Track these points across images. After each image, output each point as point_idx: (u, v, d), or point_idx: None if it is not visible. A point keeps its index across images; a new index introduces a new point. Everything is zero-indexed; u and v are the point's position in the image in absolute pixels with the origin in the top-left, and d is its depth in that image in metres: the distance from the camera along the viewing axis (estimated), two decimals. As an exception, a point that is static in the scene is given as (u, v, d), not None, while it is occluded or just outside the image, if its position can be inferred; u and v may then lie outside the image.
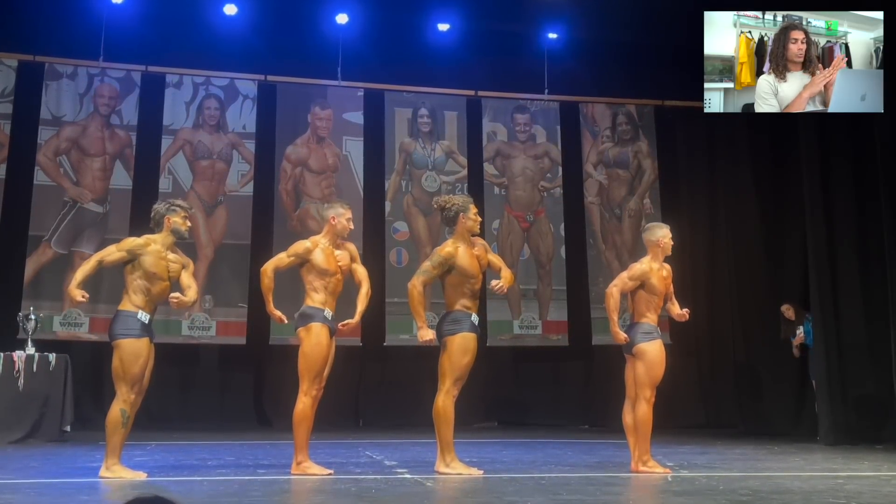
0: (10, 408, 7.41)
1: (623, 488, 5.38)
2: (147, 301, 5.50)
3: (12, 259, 9.02)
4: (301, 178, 9.92)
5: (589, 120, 10.65)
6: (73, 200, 9.27)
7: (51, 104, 9.39)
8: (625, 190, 10.55)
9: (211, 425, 8.97)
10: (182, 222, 5.64)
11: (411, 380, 9.66)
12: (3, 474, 5.55)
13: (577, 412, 10.11)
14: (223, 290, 9.50)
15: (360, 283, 5.95)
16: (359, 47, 9.93)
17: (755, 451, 7.46)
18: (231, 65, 9.86)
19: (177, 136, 9.69)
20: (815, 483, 5.48)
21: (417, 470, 5.90)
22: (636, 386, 5.98)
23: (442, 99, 10.43)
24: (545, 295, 10.20)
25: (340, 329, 5.86)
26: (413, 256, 9.91)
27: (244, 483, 5.32)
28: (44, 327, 8.50)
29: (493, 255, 6.11)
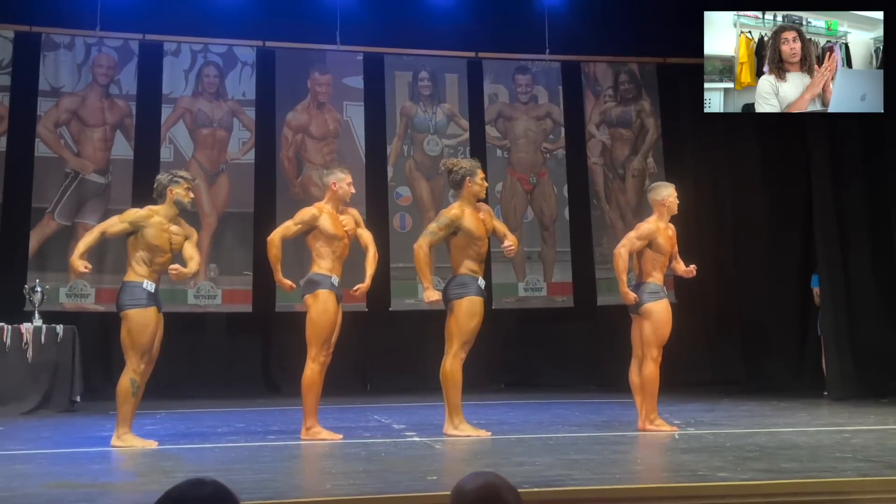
0: (21, 379, 7.46)
1: (630, 447, 5.41)
2: (151, 272, 5.51)
3: (16, 232, 9.01)
4: (302, 144, 9.88)
5: (591, 79, 10.56)
6: (74, 172, 9.25)
7: (49, 75, 9.33)
8: (628, 149, 10.49)
9: (220, 393, 9.04)
10: (185, 193, 5.62)
11: (418, 344, 9.68)
12: (16, 444, 5.60)
13: (584, 373, 10.16)
14: (228, 258, 9.50)
15: (366, 248, 5.96)
16: (357, 11, 9.83)
17: (761, 408, 7.50)
18: (229, 31, 9.77)
19: (176, 104, 9.64)
20: (822, 437, 5.52)
21: (426, 433, 5.94)
22: (643, 345, 6.00)
23: (442, 61, 10.35)
24: (549, 257, 10.20)
25: (352, 293, 5.88)
26: (416, 221, 9.89)
27: (255, 449, 5.36)
28: (50, 299, 8.53)
29: (497, 221, 6.11)
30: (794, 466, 4.34)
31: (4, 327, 7.48)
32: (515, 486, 2.00)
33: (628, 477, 4.25)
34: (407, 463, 4.71)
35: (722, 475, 4.08)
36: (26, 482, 4.20)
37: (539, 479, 4.08)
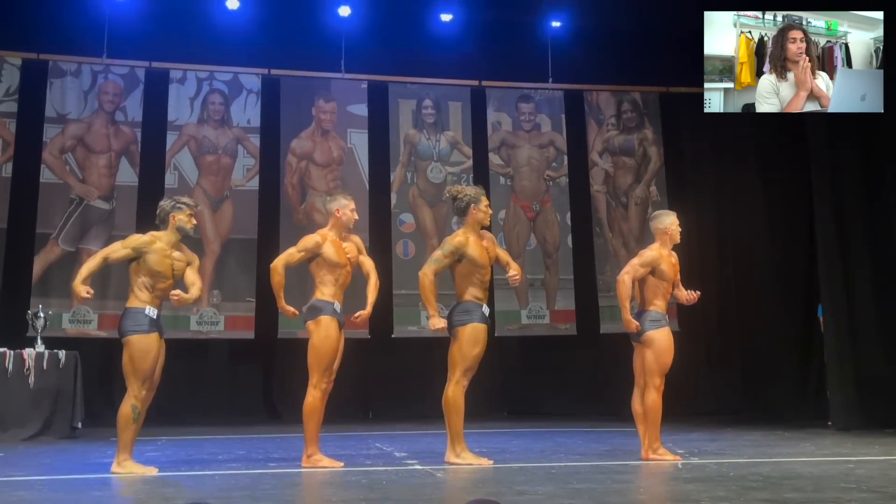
0: (22, 405, 7.44)
1: (633, 476, 5.38)
2: (153, 297, 5.51)
3: (20, 257, 9.04)
4: (306, 171, 9.92)
5: (594, 108, 10.62)
6: (79, 197, 9.29)
7: (55, 102, 9.41)
8: (631, 177, 10.52)
9: (221, 419, 9.01)
10: (187, 220, 5.64)
11: (420, 371, 9.67)
12: (16, 471, 5.58)
13: (587, 401, 10.11)
14: (231, 284, 9.51)
15: (368, 275, 5.97)
16: (362, 39, 9.92)
17: (765, 437, 7.45)
18: (234, 59, 9.86)
19: (182, 131, 9.70)
20: (826, 468, 5.48)
21: (428, 461, 5.92)
22: (645, 374, 5.98)
23: (446, 89, 10.42)
24: (552, 284, 10.20)
25: (353, 320, 5.88)
26: (419, 248, 9.91)
27: (256, 476, 5.34)
28: (53, 325, 8.53)
29: (500, 250, 6.12)
30: (797, 497, 4.30)
31: (6, 352, 7.47)
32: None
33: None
34: (408, 491, 4.69)
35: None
36: (26, 509, 4.19)
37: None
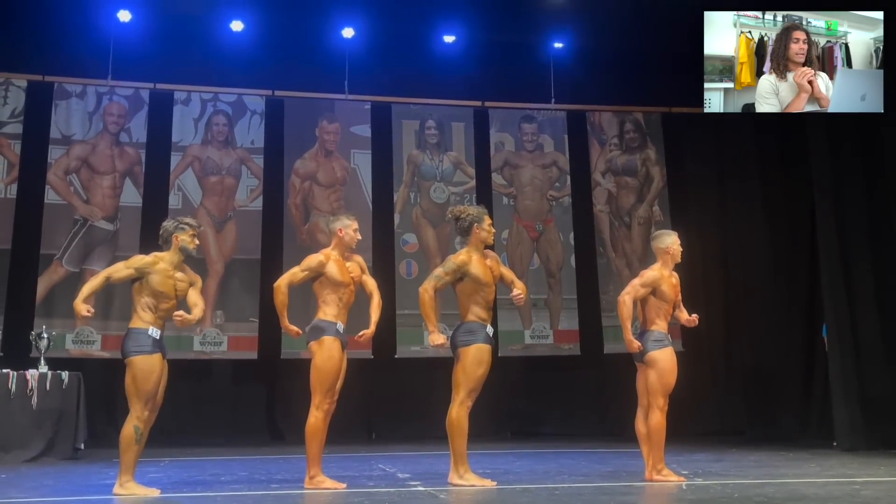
0: (25, 426, 7.43)
1: (637, 497, 5.35)
2: (156, 318, 5.51)
3: (24, 278, 9.06)
4: (310, 191, 9.96)
5: (596, 128, 10.66)
6: (83, 218, 9.33)
7: (60, 123, 9.46)
8: (633, 197, 10.54)
9: (224, 440, 8.99)
10: (190, 241, 5.65)
11: (423, 391, 9.66)
12: (18, 493, 5.57)
13: (590, 422, 10.08)
14: (234, 305, 9.52)
15: (371, 294, 5.96)
16: (365, 61, 9.98)
17: (770, 458, 7.42)
18: (238, 80, 9.92)
19: (186, 152, 9.75)
20: (832, 489, 5.44)
21: (430, 482, 5.89)
22: (648, 394, 5.96)
23: (449, 110, 10.46)
24: (556, 304, 10.19)
25: (357, 340, 5.87)
26: (423, 268, 9.92)
27: (258, 498, 5.32)
28: (56, 345, 8.53)
29: (504, 268, 6.11)
30: (802, 518, 4.28)
31: (10, 373, 7.47)
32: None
33: (634, 528, 4.19)
34: (411, 513, 4.67)
35: (729, 527, 4.03)
36: (27, 531, 4.18)
37: (544, 530, 4.04)
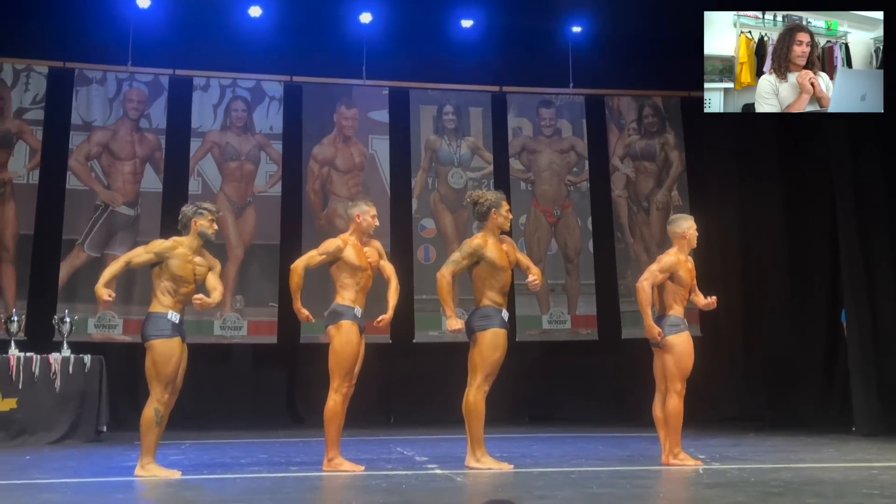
0: (48, 409, 7.53)
1: (654, 481, 5.37)
2: (175, 302, 5.57)
3: (47, 263, 9.17)
4: (328, 177, 9.99)
5: (615, 113, 10.61)
6: (104, 204, 9.41)
7: (81, 109, 9.54)
8: (652, 182, 10.50)
9: (244, 423, 9.07)
10: (209, 225, 5.69)
11: (441, 376, 9.68)
12: (42, 474, 5.66)
13: (608, 406, 10.09)
14: (254, 290, 9.59)
15: (388, 280, 6.00)
16: (383, 46, 9.98)
17: (788, 443, 7.41)
18: (257, 66, 9.95)
19: (205, 138, 9.80)
20: (849, 474, 5.44)
21: (448, 465, 5.93)
22: (666, 379, 5.97)
23: (467, 95, 10.45)
24: (574, 289, 10.19)
25: (375, 325, 5.92)
26: (440, 253, 9.94)
27: (277, 480, 5.38)
28: (78, 330, 8.63)
29: (520, 254, 6.12)
30: (818, 502, 4.28)
31: (34, 357, 7.57)
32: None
33: (650, 511, 4.21)
34: (428, 495, 4.71)
35: (745, 511, 4.04)
36: (51, 511, 4.25)
37: (560, 512, 4.06)
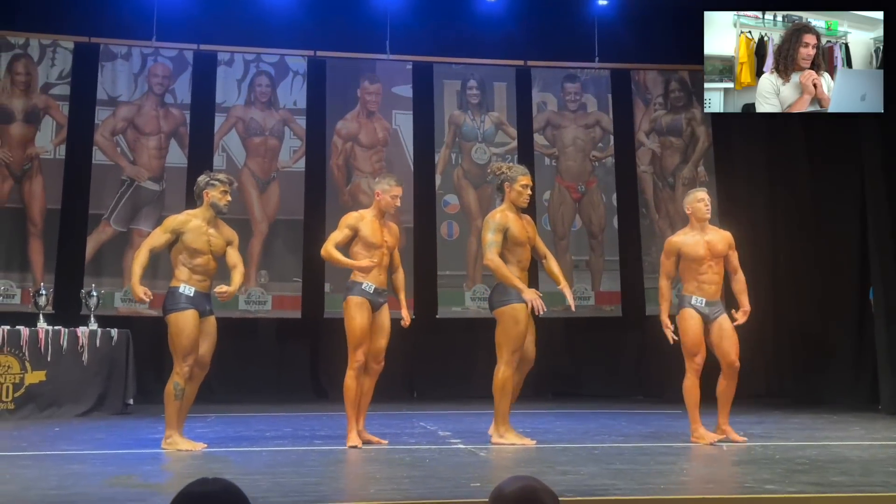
0: (76, 382, 7.63)
1: (677, 458, 5.35)
2: (191, 274, 5.59)
3: (74, 237, 9.26)
4: (352, 152, 9.98)
5: (641, 87, 10.50)
6: (130, 179, 9.46)
7: (106, 85, 9.57)
8: (678, 158, 10.40)
9: (268, 397, 9.15)
10: (220, 196, 5.67)
11: (464, 352, 9.73)
12: (70, 445, 5.74)
13: (632, 382, 10.08)
14: (278, 265, 9.63)
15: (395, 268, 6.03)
16: (407, 20, 9.92)
17: (813, 421, 7.36)
18: (281, 41, 9.92)
19: (229, 113, 9.81)
20: (875, 452, 5.40)
21: (471, 440, 5.96)
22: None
23: (491, 70, 10.38)
24: (597, 266, 10.14)
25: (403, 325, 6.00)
26: (464, 229, 9.93)
27: (301, 453, 5.43)
28: (105, 303, 8.72)
29: (539, 240, 6.10)
30: (844, 480, 4.25)
31: (62, 330, 7.66)
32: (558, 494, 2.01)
33: (673, 488, 4.20)
34: (451, 470, 4.73)
35: (769, 487, 4.03)
36: (79, 481, 4.31)
37: (583, 488, 4.07)
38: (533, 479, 2.01)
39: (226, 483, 1.89)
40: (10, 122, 9.25)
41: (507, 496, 1.95)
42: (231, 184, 5.81)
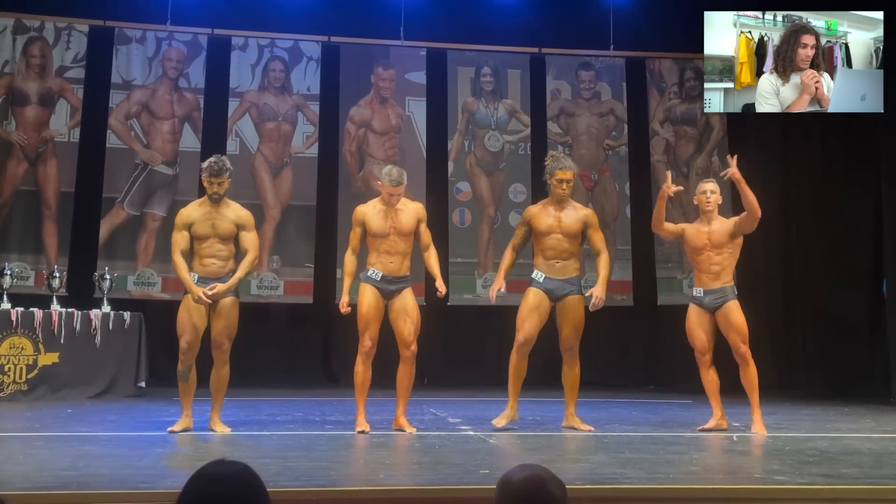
0: (89, 364, 7.68)
1: (686, 448, 5.35)
2: (199, 259, 5.63)
3: (87, 220, 9.29)
4: (365, 138, 9.97)
5: (655, 76, 10.44)
6: (144, 163, 9.49)
7: (121, 68, 9.59)
8: (692, 147, 10.34)
9: (280, 382, 9.18)
10: (207, 185, 5.69)
11: (475, 339, 9.74)
12: (83, 427, 5.79)
13: (643, 372, 10.06)
14: (290, 250, 9.64)
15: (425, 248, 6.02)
16: (421, 6, 9.88)
17: (825, 412, 7.34)
18: (295, 26, 9.91)
19: (243, 98, 9.81)
20: (887, 444, 5.38)
21: (481, 427, 5.97)
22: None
23: (505, 57, 10.33)
24: (611, 256, 10.08)
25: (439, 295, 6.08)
26: (476, 216, 9.92)
27: (312, 438, 5.45)
28: (118, 287, 8.77)
29: (596, 233, 6.23)
30: (854, 472, 4.24)
31: (75, 313, 7.71)
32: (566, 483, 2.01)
33: (682, 477, 4.19)
34: (460, 456, 4.74)
35: (779, 479, 4.02)
36: (91, 462, 4.35)
37: (592, 476, 4.07)
38: (541, 467, 2.01)
39: (242, 466, 1.90)
40: (25, 104, 9.28)
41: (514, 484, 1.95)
42: (217, 173, 5.59)
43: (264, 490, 1.88)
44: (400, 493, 3.65)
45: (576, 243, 6.09)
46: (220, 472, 1.87)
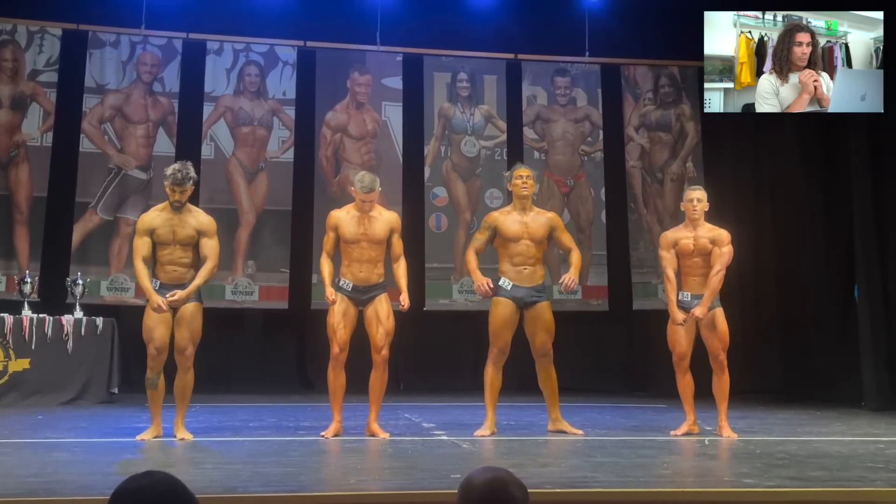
0: (60, 370, 7.61)
1: (658, 451, 5.38)
2: (160, 266, 5.62)
3: (60, 225, 9.20)
4: (341, 144, 9.95)
5: (631, 82, 10.50)
6: (117, 167, 9.41)
7: (94, 72, 9.51)
8: (667, 153, 10.40)
9: (254, 388, 9.12)
10: (169, 192, 5.67)
11: (451, 344, 9.73)
12: (54, 433, 5.74)
13: (617, 377, 10.09)
14: (265, 255, 9.60)
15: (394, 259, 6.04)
16: (397, 12, 9.88)
17: (796, 417, 7.40)
18: (270, 31, 9.87)
19: (218, 102, 9.77)
20: (855, 447, 5.43)
21: (455, 432, 5.97)
22: None
23: (481, 63, 10.35)
24: (585, 260, 10.11)
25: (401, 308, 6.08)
26: (452, 222, 9.92)
27: (284, 444, 5.43)
28: (91, 292, 8.68)
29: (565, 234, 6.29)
30: (822, 475, 4.28)
31: (46, 318, 7.64)
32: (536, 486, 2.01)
33: (653, 481, 4.22)
34: (432, 461, 4.74)
35: (748, 482, 4.05)
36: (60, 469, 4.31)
37: (563, 480, 4.09)
38: (504, 470, 2.02)
39: (160, 476, 1.86)
40: (-4, 108, 9.19)
41: (476, 487, 1.96)
42: (181, 182, 5.59)
43: (193, 499, 1.85)
44: (370, 499, 3.65)
45: (542, 249, 6.15)
46: (137, 486, 1.82)
